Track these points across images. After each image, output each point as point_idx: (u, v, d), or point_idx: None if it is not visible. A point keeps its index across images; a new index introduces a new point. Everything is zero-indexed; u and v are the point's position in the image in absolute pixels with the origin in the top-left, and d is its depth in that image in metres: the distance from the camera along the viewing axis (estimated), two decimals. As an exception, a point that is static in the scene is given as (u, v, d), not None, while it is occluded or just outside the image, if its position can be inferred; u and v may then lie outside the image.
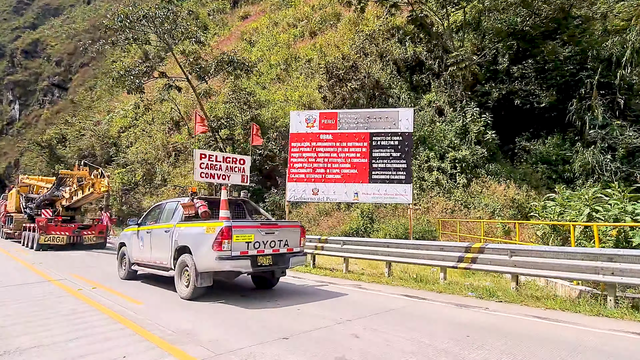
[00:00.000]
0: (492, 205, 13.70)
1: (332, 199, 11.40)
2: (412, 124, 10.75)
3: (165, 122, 28.14)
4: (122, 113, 34.09)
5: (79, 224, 23.05)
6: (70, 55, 73.65)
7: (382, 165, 10.80)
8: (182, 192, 22.31)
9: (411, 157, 10.89)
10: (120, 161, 29.04)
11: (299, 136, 11.70)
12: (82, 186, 20.40)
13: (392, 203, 12.97)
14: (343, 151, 11.30)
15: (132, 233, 10.14)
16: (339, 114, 11.51)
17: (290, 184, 11.90)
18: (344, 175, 11.15)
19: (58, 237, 20.42)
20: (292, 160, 11.88)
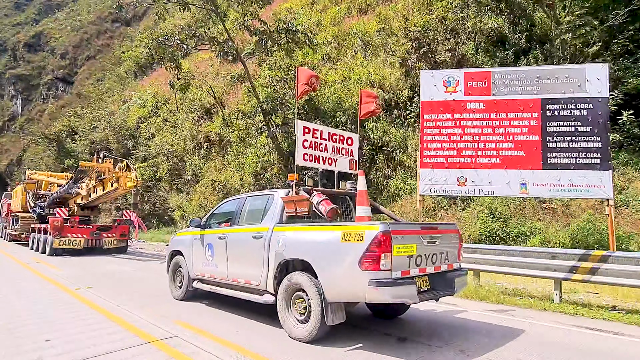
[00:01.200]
0: None
1: (487, 191, 8.24)
2: (606, 85, 7.52)
3: (193, 110, 24.77)
4: (140, 102, 30.74)
5: (97, 225, 19.63)
6: (75, 48, 70.36)
7: (562, 144, 7.79)
8: (225, 190, 18.96)
9: (608, 132, 7.58)
10: (139, 154, 25.66)
11: (435, 105, 8.54)
12: (103, 181, 17.15)
13: (580, 198, 9.43)
14: (502, 125, 8.25)
15: (193, 238, 7.46)
16: (494, 74, 8.37)
17: (424, 171, 8.69)
18: (505, 158, 8.05)
19: (74, 241, 17.56)
20: (426, 139, 8.71)
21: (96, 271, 11.01)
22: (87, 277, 10.06)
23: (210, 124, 23.43)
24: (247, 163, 18.89)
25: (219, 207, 7.46)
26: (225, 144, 22.14)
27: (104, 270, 11.46)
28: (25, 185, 25.74)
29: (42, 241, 18.43)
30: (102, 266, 11.97)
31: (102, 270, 11.28)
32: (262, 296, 5.70)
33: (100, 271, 11.10)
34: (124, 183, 16.43)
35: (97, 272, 10.97)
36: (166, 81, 32.51)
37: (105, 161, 17.74)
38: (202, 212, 21.10)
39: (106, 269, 11.53)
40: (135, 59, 43.40)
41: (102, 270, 11.31)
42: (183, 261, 7.61)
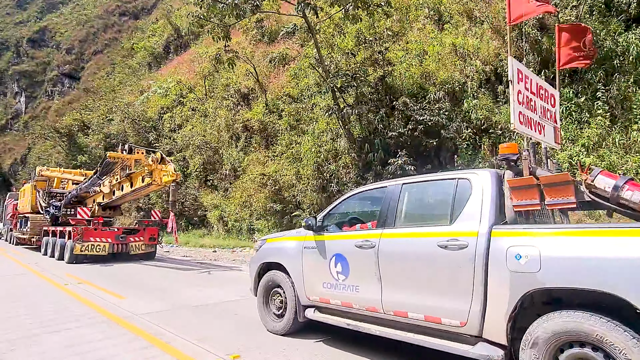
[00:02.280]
0: None
1: None
2: None
3: (228, 97, 21.70)
4: (161, 92, 27.70)
5: (123, 227, 16.76)
6: (81, 43, 67.43)
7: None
8: (277, 185, 15.90)
9: None
10: (163, 148, 22.58)
11: None
12: (131, 176, 14.33)
13: None
14: None
15: (304, 246, 5.02)
16: None
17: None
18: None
19: (98, 246, 14.78)
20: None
21: (176, 300, 6.94)
22: (181, 314, 6.07)
23: (250, 111, 20.36)
24: (304, 153, 15.80)
25: (345, 202, 5.06)
26: (269, 133, 19.05)
27: (186, 297, 7.30)
28: (35, 183, 22.66)
29: (58, 246, 15.57)
30: (173, 288, 8.22)
31: (183, 297, 7.24)
32: (473, 346, 3.31)
33: (184, 301, 6.93)
34: (159, 178, 13.41)
35: (180, 301, 6.84)
36: (190, 69, 29.55)
37: (136, 152, 14.62)
38: (245, 212, 18.00)
39: (187, 295, 7.40)
40: (149, 50, 40.52)
41: (182, 297, 7.24)
42: (285, 279, 5.15)
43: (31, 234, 21.23)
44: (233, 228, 18.13)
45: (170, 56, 39.67)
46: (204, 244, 18.06)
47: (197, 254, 16.19)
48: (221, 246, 16.95)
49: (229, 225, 18.24)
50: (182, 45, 38.65)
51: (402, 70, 14.83)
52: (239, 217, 17.73)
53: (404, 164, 12.37)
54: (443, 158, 13.13)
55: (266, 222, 16.69)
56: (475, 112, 12.71)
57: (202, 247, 17.97)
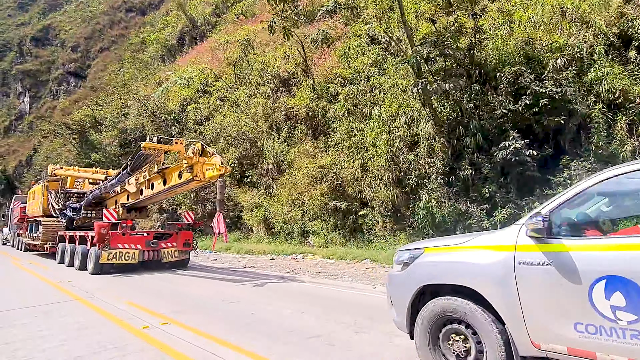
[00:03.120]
0: None
1: None
2: None
3: (265, 82, 19.19)
4: (182, 82, 25.18)
5: (153, 231, 14.42)
6: (87, 40, 65.07)
7: None
8: (338, 180, 13.37)
9: None
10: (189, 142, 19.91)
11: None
12: (164, 172, 12.11)
13: None
14: None
15: (528, 261, 3.00)
16: None
17: None
18: None
19: (127, 253, 12.57)
20: None
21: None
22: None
23: (293, 98, 17.80)
24: (372, 142, 13.23)
25: (590, 191, 3.08)
26: (319, 121, 16.50)
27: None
28: (47, 184, 20.18)
29: (79, 254, 13.31)
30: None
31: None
32: None
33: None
34: (201, 173, 10.95)
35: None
36: (213, 57, 27.06)
37: (175, 142, 12.07)
38: (296, 211, 15.42)
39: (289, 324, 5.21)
40: (163, 42, 38.09)
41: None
42: (477, 313, 3.24)
43: (44, 240, 18.78)
44: (281, 231, 15.57)
45: (185, 48, 37.23)
46: (251, 250, 15.47)
47: (250, 261, 13.60)
48: (274, 252, 14.35)
49: (276, 227, 15.70)
50: (198, 35, 36.24)
51: (498, 36, 12.22)
52: (289, 217, 15.17)
53: (522, 148, 9.81)
54: (563, 140, 10.55)
55: (324, 223, 14.14)
56: (607, 83, 10.13)
57: (248, 252, 15.39)
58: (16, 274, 11.64)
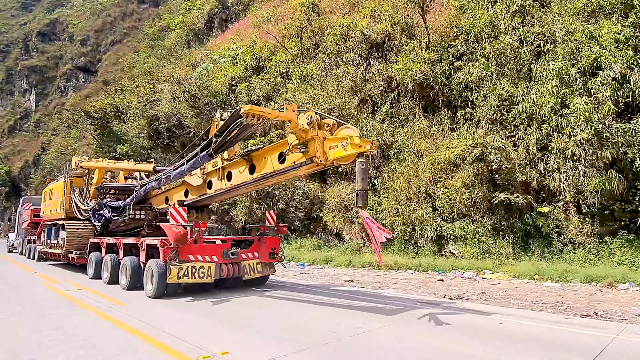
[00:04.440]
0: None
1: None
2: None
3: (349, 49, 15.13)
4: (225, 61, 21.20)
5: (229, 237, 10.73)
6: (97, 33, 61.19)
7: None
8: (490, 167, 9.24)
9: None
10: None
11: None
12: (253, 156, 8.47)
13: None
14: None
15: None
16: None
17: None
18: None
19: (202, 269, 9.00)
20: None
21: None
22: None
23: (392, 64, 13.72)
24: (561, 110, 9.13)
25: None
26: (438, 91, 12.44)
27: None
28: (72, 179, 16.13)
29: (127, 268, 9.85)
30: None
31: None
32: None
33: None
34: (322, 152, 7.29)
35: None
36: (261, 32, 23.03)
37: (286, 108, 7.95)
38: (424, 209, 11.26)
39: None
40: (190, 24, 34.15)
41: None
42: None
43: (68, 248, 14.64)
44: (398, 237, 11.39)
45: (215, 32, 33.29)
46: (346, 262, 11.34)
47: (357, 276, 9.48)
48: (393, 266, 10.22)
49: (395, 231, 11.56)
50: (230, 16, 32.35)
51: None
52: (414, 217, 11.01)
53: None
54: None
55: (476, 225, 10.02)
56: None
57: (341, 265, 11.27)
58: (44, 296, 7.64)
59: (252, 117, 7.18)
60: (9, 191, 56.35)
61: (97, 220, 13.50)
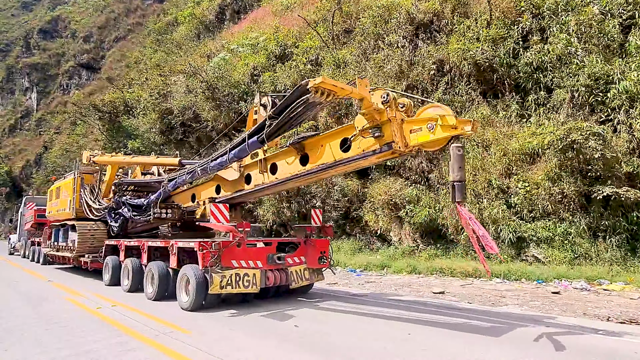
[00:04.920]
0: None
1: None
2: None
3: (391, 31, 13.65)
4: (243, 50, 19.72)
5: (274, 239, 9.16)
6: (101, 30, 59.71)
7: None
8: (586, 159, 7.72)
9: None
10: None
11: None
12: (306, 144, 7.03)
13: None
14: None
15: None
16: None
17: None
18: None
19: (246, 276, 7.63)
20: None
21: None
22: None
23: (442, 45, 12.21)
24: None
25: None
26: (504, 73, 10.93)
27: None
28: (83, 176, 14.70)
29: (154, 276, 8.63)
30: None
31: None
32: None
33: None
34: (401, 136, 5.93)
35: None
36: (282, 19, 21.55)
37: (359, 85, 6.24)
38: (498, 206, 9.74)
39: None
40: (199, 17, 32.65)
41: None
42: None
43: (80, 251, 13.17)
44: (463, 238, 9.87)
45: (226, 24, 31.82)
46: (394, 267, 9.79)
47: (407, 284, 7.94)
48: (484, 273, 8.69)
49: (449, 232, 10.02)
50: (243, 7, 30.87)
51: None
52: (484, 217, 9.49)
53: None
54: None
55: (566, 225, 8.50)
56: None
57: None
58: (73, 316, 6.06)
59: (322, 93, 5.69)
60: (9, 191, 54.78)
61: (114, 220, 12.01)
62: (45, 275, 13.12)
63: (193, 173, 9.09)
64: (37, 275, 12.86)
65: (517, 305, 6.51)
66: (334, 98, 5.84)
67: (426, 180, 11.62)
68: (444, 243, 10.81)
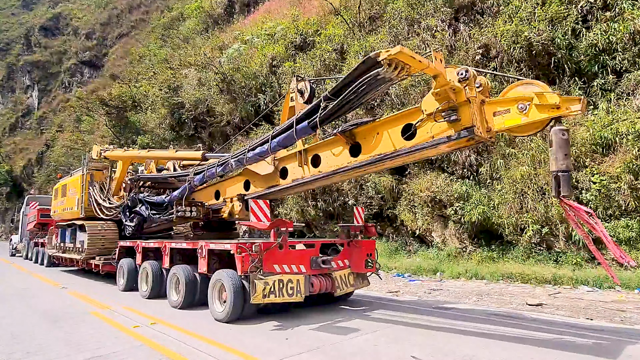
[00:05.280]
0: None
1: None
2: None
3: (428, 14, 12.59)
4: (258, 41, 18.65)
5: (317, 241, 8.06)
6: (103, 26, 58.57)
7: None
8: None
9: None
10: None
11: None
12: (358, 132, 6.08)
13: None
14: None
15: None
16: None
17: None
18: None
19: (290, 283, 6.48)
20: None
21: None
22: None
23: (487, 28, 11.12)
24: None
25: None
26: (559, 59, 9.84)
27: None
28: (93, 173, 13.65)
29: (180, 281, 7.78)
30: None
31: None
32: None
33: None
34: (482, 119, 4.84)
35: None
36: (300, 7, 20.46)
37: (434, 58, 4.97)
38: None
39: None
40: (209, 11, 31.59)
41: None
42: None
43: (90, 253, 12.19)
44: (524, 239, 8.73)
45: (235, 16, 30.74)
46: (439, 271, 8.68)
47: (476, 293, 6.85)
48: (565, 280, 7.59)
49: (506, 232, 8.90)
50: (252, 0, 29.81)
51: None
52: (549, 215, 8.39)
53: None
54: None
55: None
56: None
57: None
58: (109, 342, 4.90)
59: (396, 66, 4.67)
60: (10, 191, 53.63)
61: (130, 220, 10.94)
62: (54, 279, 12.02)
63: (225, 165, 8.01)
64: (47, 280, 11.73)
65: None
66: (406, 73, 4.81)
67: (475, 175, 10.53)
68: (499, 245, 9.72)
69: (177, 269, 8.21)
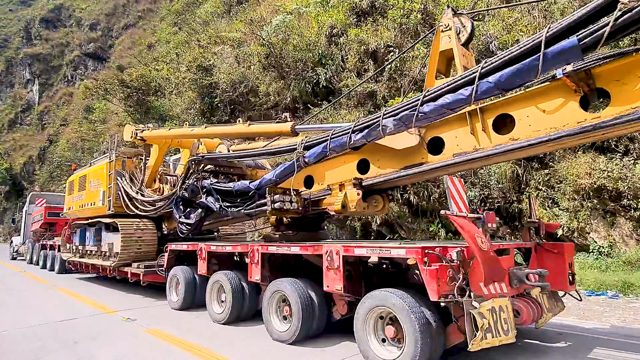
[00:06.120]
0: None
1: None
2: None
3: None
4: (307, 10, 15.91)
5: (512, 245, 4.86)
6: (108, 17, 55.63)
7: None
8: None
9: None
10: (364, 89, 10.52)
11: None
12: (597, 72, 3.47)
13: None
14: None
15: None
16: None
17: None
18: None
19: (502, 314, 3.83)
20: None
21: None
22: None
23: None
24: None
25: None
26: None
27: None
28: (125, 160, 10.74)
29: (297, 305, 5.13)
30: None
31: None
32: None
33: None
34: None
35: None
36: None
37: None
38: None
39: None
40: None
41: None
42: None
43: (124, 258, 9.25)
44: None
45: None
46: None
47: None
48: None
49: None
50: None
51: None
52: None
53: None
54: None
55: None
56: None
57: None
58: None
59: None
60: (9, 190, 50.60)
61: (185, 216, 8.13)
62: (95, 298, 9.05)
63: (372, 128, 5.13)
64: (91, 302, 8.60)
65: None
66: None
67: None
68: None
69: (285, 286, 5.51)
